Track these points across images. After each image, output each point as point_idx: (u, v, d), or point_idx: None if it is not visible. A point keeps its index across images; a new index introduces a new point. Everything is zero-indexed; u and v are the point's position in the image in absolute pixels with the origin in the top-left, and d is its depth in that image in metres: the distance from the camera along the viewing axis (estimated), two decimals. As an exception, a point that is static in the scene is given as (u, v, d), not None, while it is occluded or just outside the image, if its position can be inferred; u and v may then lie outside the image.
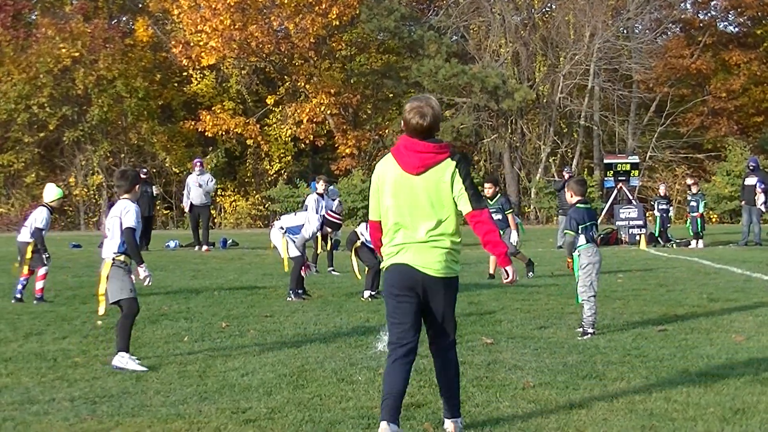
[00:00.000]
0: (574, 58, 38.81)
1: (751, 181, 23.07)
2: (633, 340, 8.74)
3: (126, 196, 7.88)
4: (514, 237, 14.89)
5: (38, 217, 11.98)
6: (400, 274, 5.44)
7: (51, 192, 12.27)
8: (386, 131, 39.74)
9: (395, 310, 5.46)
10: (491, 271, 14.93)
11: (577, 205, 9.41)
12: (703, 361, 7.67)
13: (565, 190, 9.70)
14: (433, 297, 5.46)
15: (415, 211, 5.42)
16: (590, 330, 9.04)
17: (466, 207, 5.46)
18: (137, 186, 8.01)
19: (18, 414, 6.16)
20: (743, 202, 23.60)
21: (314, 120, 39.42)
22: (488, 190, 15.20)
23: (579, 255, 9.31)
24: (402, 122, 5.51)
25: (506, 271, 5.60)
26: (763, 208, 22.72)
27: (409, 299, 5.43)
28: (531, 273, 15.17)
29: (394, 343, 5.47)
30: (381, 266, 5.64)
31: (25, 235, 12.08)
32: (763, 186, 22.55)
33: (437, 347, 5.60)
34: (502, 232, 14.95)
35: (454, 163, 5.43)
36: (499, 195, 15.25)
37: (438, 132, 5.50)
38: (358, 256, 12.79)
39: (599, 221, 18.85)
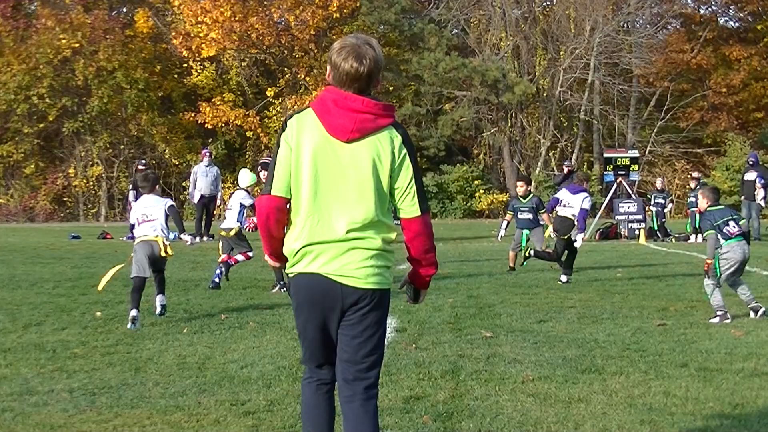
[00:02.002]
0: (575, 52, 38.80)
1: (750, 176, 23.04)
2: (632, 334, 8.75)
3: (153, 194, 9.87)
4: (541, 236, 14.57)
5: (244, 199, 12.31)
6: (309, 287, 3.97)
7: (245, 178, 12.72)
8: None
9: (305, 335, 4.08)
10: (511, 264, 14.79)
11: (708, 209, 9.69)
12: (702, 355, 7.67)
13: (699, 195, 9.98)
14: (352, 316, 3.96)
15: (336, 194, 3.90)
16: (719, 313, 9.40)
17: (412, 209, 3.97)
18: (157, 186, 9.94)
19: (17, 405, 6.16)
20: (743, 198, 23.59)
21: (314, 112, 39.41)
22: (520, 188, 14.91)
23: (722, 251, 9.56)
24: (328, 69, 3.98)
25: (420, 294, 4.22)
26: (762, 204, 22.71)
27: (323, 322, 4.00)
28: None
29: (308, 363, 4.16)
30: (286, 271, 4.11)
31: (230, 222, 12.36)
32: (762, 181, 22.53)
33: (348, 392, 3.98)
34: (529, 231, 14.72)
35: (401, 137, 3.95)
36: (531, 194, 14.93)
37: (376, 87, 3.93)
38: None
39: (598, 215, 18.84)
